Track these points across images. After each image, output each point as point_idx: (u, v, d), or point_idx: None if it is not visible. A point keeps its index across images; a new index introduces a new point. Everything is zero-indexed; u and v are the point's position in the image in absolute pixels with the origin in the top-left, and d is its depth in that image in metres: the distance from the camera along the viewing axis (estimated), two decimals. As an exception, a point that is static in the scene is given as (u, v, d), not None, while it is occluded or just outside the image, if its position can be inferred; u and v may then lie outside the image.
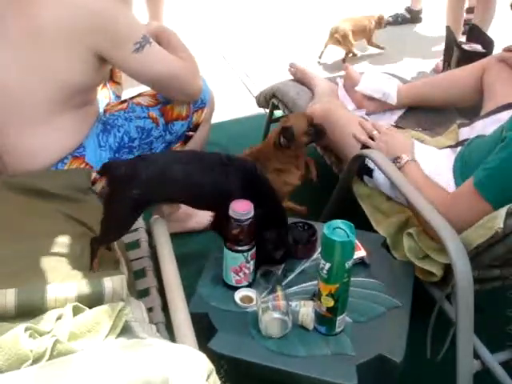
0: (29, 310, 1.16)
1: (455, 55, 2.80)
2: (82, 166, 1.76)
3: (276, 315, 1.40)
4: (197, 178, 1.52)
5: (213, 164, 1.54)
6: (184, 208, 2.23)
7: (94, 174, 1.74)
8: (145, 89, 1.98)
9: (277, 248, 1.57)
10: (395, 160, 1.77)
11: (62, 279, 1.25)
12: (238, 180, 1.52)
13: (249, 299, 1.51)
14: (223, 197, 1.50)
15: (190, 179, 1.51)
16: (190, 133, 1.99)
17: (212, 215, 1.71)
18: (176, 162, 1.55)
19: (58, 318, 1.13)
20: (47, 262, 1.32)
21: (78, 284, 1.22)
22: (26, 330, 1.07)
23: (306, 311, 1.44)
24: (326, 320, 1.42)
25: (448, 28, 3.10)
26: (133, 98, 1.96)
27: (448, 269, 1.55)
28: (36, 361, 1.03)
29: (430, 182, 1.70)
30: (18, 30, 1.59)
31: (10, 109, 1.66)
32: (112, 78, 2.17)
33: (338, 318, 1.41)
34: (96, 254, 1.44)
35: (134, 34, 1.67)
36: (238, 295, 1.52)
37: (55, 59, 1.61)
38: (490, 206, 1.46)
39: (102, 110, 1.92)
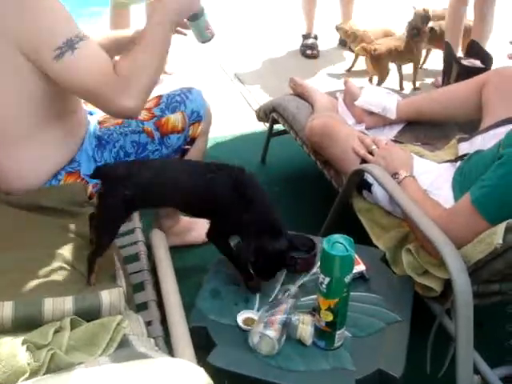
0: (26, 323, 1.15)
1: (454, 70, 2.81)
2: (78, 180, 1.73)
3: (265, 331, 1.39)
4: (185, 182, 1.58)
5: (201, 170, 1.60)
6: (184, 222, 2.23)
7: (89, 188, 1.73)
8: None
9: (257, 260, 1.51)
10: (394, 175, 1.78)
11: (60, 292, 1.25)
12: (225, 185, 1.54)
13: (251, 321, 1.49)
14: (211, 201, 1.56)
15: (179, 183, 1.57)
16: (187, 146, 1.98)
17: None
18: (167, 167, 1.63)
19: (56, 331, 1.12)
20: (45, 275, 1.32)
21: (76, 297, 1.21)
22: (24, 343, 1.06)
23: (305, 327, 1.43)
24: (325, 334, 1.41)
25: (447, 43, 3.12)
26: None
27: (447, 284, 1.55)
28: (33, 374, 1.03)
29: (428, 198, 1.70)
30: None
31: None
32: None
33: (338, 333, 1.41)
34: (93, 269, 1.44)
35: (57, 38, 1.48)
36: (241, 317, 1.50)
37: (10, 73, 1.53)
38: (487, 223, 1.47)
39: (96, 123, 1.90)
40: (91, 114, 1.93)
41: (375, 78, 3.60)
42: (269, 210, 1.56)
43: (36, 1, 1.48)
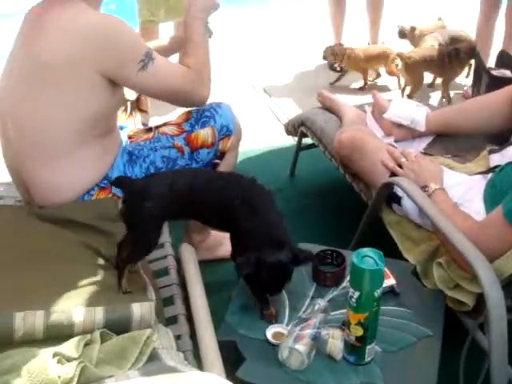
0: (57, 333, 1.16)
1: (484, 81, 2.78)
2: (110, 196, 1.77)
3: (294, 346, 1.38)
4: (198, 191, 1.60)
5: (213, 178, 1.65)
6: (213, 236, 2.23)
7: (120, 203, 1.76)
8: (171, 117, 2.01)
9: (258, 273, 1.48)
10: (423, 188, 1.76)
11: (91, 303, 1.26)
12: (234, 192, 1.57)
13: (280, 335, 1.48)
14: (223, 209, 1.58)
15: (193, 192, 1.59)
16: (217, 161, 1.99)
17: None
18: (182, 177, 1.66)
19: (86, 344, 1.13)
20: (76, 289, 1.33)
21: (106, 308, 1.22)
22: (54, 355, 1.07)
23: (334, 342, 1.42)
24: (355, 349, 1.40)
25: (477, 54, 3.09)
26: (158, 127, 1.98)
27: (480, 298, 1.52)
28: (64, 387, 1.04)
29: (459, 211, 1.68)
30: (31, 67, 1.62)
31: (30, 144, 1.68)
32: (138, 107, 2.20)
33: (368, 348, 1.39)
34: (123, 274, 1.46)
35: (137, 53, 1.68)
36: (270, 332, 1.50)
37: (70, 92, 1.63)
38: None
39: (126, 138, 1.93)
40: (121, 128, 1.96)
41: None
42: (272, 221, 1.55)
43: (113, 28, 1.67)
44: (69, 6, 1.64)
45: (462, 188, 1.83)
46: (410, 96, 3.45)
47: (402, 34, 3.94)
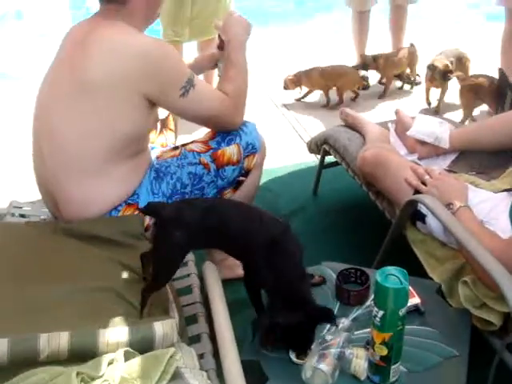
0: (81, 354, 1.17)
1: (509, 98, 2.76)
2: (136, 212, 1.78)
3: (318, 365, 1.37)
4: (229, 228, 1.57)
5: (247, 217, 1.60)
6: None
7: (147, 221, 1.77)
8: (198, 135, 2.03)
9: (267, 334, 1.48)
10: (448, 206, 1.74)
11: (114, 324, 1.26)
12: (261, 243, 1.52)
13: (304, 355, 1.47)
14: (246, 253, 1.58)
15: (223, 228, 1.57)
16: (242, 178, 2.00)
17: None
18: (215, 208, 1.63)
19: (110, 363, 1.13)
20: (99, 307, 1.34)
21: (130, 329, 1.23)
22: (78, 374, 1.08)
23: (359, 361, 1.41)
24: (379, 369, 1.39)
25: (501, 70, 3.07)
26: (185, 144, 2.00)
27: (507, 317, 1.50)
28: (88, 406, 1.04)
29: (484, 228, 1.66)
30: (72, 84, 1.66)
31: (64, 160, 1.71)
32: (166, 125, 2.22)
33: (393, 367, 1.38)
34: (146, 303, 1.46)
35: (180, 79, 1.73)
36: (294, 352, 1.49)
37: (109, 111, 1.67)
38: None
39: (154, 157, 1.96)
40: (152, 148, 1.99)
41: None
42: (292, 279, 1.50)
43: (160, 53, 1.72)
44: (118, 27, 1.69)
45: (488, 205, 1.81)
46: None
47: (364, 66, 3.98)
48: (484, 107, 3.48)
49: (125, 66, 1.65)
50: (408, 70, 4.04)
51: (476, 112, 3.52)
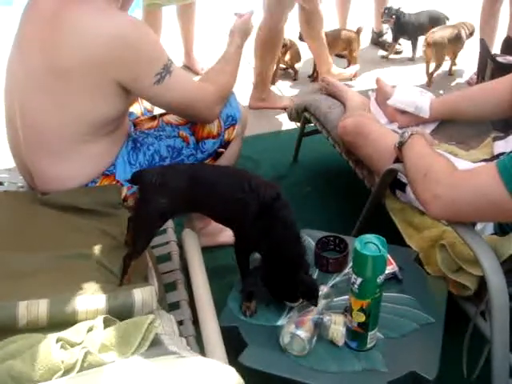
0: (60, 321, 1.17)
1: (489, 68, 2.76)
2: (113, 183, 1.76)
3: (296, 331, 1.39)
4: (220, 193, 1.55)
5: (238, 183, 1.54)
6: (215, 223, 2.23)
7: (124, 191, 1.75)
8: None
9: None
10: (401, 135, 1.70)
11: (93, 291, 1.26)
12: (251, 211, 1.49)
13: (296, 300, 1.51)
14: (236, 219, 1.54)
15: (214, 193, 1.55)
16: (221, 149, 1.96)
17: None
18: (203, 174, 1.60)
19: (89, 330, 1.13)
20: (78, 274, 1.34)
21: (109, 296, 1.23)
22: (58, 341, 1.08)
23: (337, 328, 1.42)
24: (357, 335, 1.40)
25: (482, 41, 3.07)
26: (163, 114, 1.95)
27: (482, 284, 1.52)
28: (67, 372, 1.04)
29: (440, 155, 1.58)
30: (45, 71, 1.58)
31: (38, 140, 1.66)
32: None
33: (370, 334, 1.40)
34: (127, 271, 1.46)
35: (156, 65, 1.64)
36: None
37: (82, 97, 1.60)
38: (505, 192, 1.29)
39: (132, 126, 1.92)
40: (130, 116, 1.95)
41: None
42: (288, 243, 1.49)
43: (136, 37, 1.60)
44: (88, 5, 1.57)
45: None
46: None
47: None
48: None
49: (97, 51, 1.55)
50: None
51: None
